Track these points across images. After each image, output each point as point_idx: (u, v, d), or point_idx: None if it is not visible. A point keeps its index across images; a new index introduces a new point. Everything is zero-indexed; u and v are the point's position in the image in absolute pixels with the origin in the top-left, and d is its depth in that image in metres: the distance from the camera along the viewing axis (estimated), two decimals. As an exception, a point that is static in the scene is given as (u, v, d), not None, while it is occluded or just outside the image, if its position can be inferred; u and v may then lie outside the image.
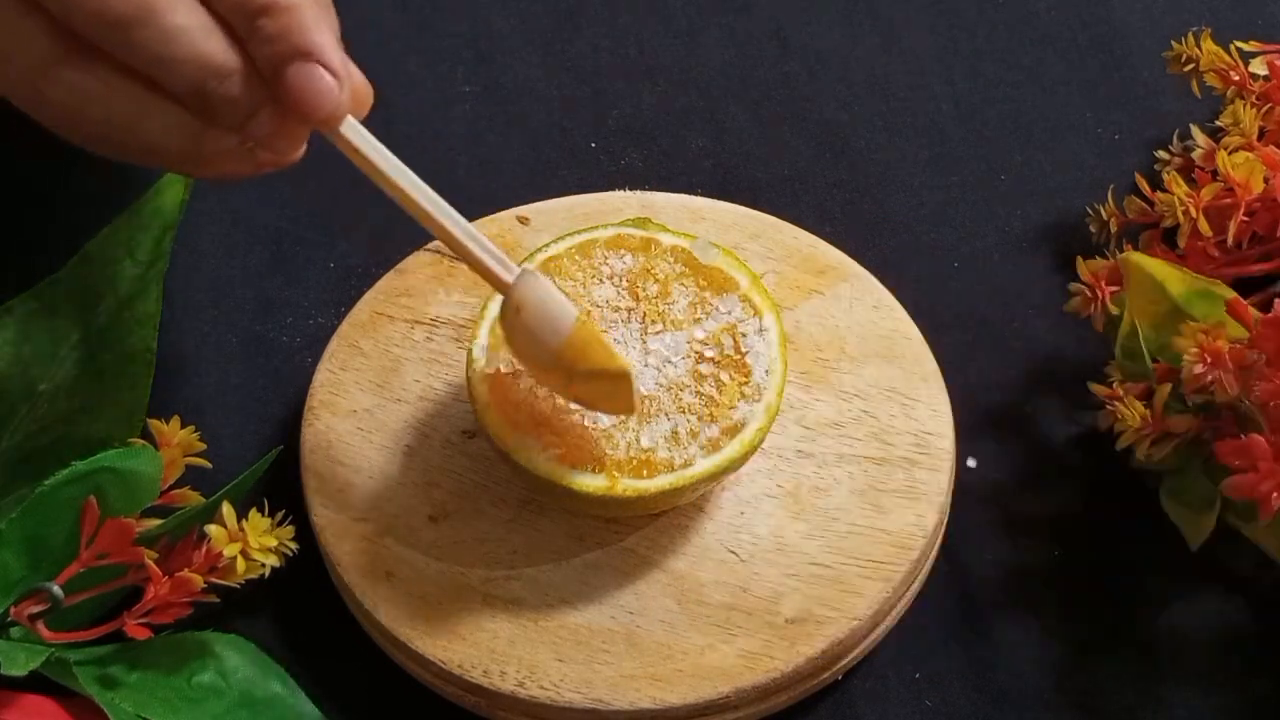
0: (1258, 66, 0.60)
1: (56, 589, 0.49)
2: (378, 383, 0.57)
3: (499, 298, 0.54)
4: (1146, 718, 0.52)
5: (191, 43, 0.43)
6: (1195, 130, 0.59)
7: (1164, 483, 0.55)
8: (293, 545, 0.50)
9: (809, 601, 0.51)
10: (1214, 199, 0.56)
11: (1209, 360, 0.50)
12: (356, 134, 0.46)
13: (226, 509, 0.49)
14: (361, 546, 0.53)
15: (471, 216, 0.60)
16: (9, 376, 0.53)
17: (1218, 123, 0.59)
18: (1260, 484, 0.47)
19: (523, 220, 0.61)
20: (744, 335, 0.52)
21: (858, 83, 0.69)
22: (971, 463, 0.57)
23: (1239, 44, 0.61)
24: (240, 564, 0.49)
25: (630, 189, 0.62)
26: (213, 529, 0.49)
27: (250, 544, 0.49)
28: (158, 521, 0.51)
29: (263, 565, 0.49)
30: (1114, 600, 0.55)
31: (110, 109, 0.44)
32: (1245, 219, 0.56)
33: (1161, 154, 0.62)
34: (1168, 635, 0.54)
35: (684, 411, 0.51)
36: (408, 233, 0.61)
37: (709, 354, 0.52)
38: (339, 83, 0.44)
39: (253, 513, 0.49)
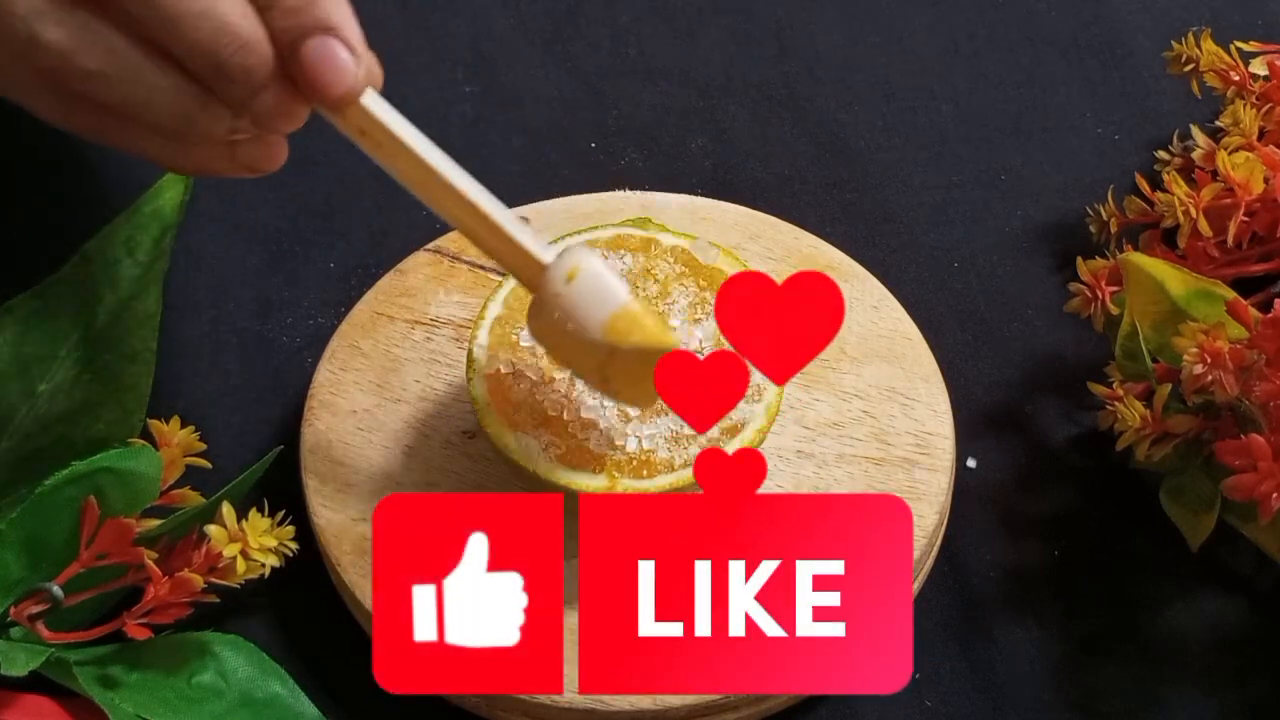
0: (1258, 66, 0.60)
1: (56, 589, 0.49)
2: (378, 383, 0.57)
3: (500, 297, 0.54)
4: (1146, 718, 0.52)
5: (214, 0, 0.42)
6: (1195, 130, 0.59)
7: (1164, 483, 0.55)
8: (293, 545, 0.50)
9: (809, 601, 0.51)
10: (1214, 199, 0.56)
11: (1209, 360, 0.50)
12: (377, 104, 0.45)
13: (226, 509, 0.49)
14: (362, 547, 0.53)
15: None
16: (9, 376, 0.53)
17: (1218, 123, 0.59)
18: (1260, 484, 0.47)
19: (523, 220, 0.61)
20: (744, 335, 0.52)
21: (858, 83, 0.69)
22: (971, 463, 0.57)
23: (1239, 44, 0.61)
24: (240, 564, 0.49)
25: (630, 189, 0.62)
26: (213, 529, 0.49)
27: (250, 544, 0.49)
28: (158, 521, 0.51)
29: (263, 565, 0.49)
30: (1114, 600, 0.55)
31: (107, 61, 0.42)
32: (1245, 219, 0.56)
33: (1161, 154, 0.62)
34: (1168, 635, 0.54)
35: (684, 411, 0.51)
36: (408, 233, 0.62)
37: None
38: (357, 60, 0.44)
39: (253, 513, 0.49)
